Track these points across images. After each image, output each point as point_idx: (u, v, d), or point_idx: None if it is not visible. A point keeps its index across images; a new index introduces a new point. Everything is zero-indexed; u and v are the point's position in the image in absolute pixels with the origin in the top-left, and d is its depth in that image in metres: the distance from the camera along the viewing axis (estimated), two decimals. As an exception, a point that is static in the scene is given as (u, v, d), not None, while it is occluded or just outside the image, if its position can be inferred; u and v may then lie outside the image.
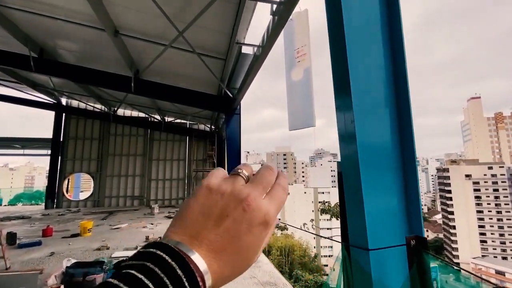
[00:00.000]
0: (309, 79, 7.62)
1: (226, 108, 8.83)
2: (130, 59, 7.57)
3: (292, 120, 7.92)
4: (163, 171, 15.55)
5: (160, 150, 15.70)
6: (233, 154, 8.74)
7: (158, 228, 7.98)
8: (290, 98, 8.04)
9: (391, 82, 1.87)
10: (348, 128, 1.77)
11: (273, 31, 4.95)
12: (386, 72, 1.87)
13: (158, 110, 13.69)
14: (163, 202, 15.18)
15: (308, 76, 7.69)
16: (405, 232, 1.66)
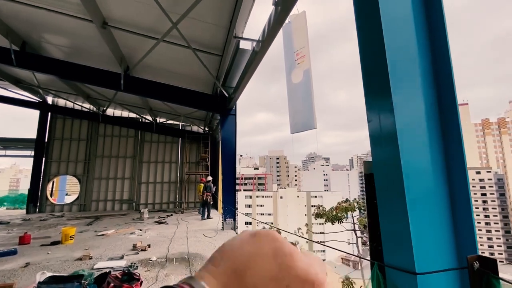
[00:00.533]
0: (309, 81, 7.46)
1: (221, 108, 8.45)
2: (120, 55, 7.12)
3: (293, 123, 7.74)
4: (154, 174, 14.97)
5: (151, 152, 15.13)
6: (228, 157, 8.35)
7: (147, 235, 7.46)
8: (291, 101, 7.87)
9: (432, 78, 1.58)
10: (386, 129, 1.45)
11: (275, 23, 4.64)
12: (428, 68, 1.58)
13: (150, 110, 13.18)
14: (154, 206, 14.57)
15: (307, 77, 7.53)
16: (459, 251, 1.32)
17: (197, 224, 9.29)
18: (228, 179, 8.24)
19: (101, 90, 10.49)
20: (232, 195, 8.18)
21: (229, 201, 8.10)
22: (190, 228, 8.36)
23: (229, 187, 8.20)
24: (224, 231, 7.77)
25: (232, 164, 8.33)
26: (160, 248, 5.97)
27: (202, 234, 7.36)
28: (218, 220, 8.87)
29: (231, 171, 8.27)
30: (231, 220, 7.99)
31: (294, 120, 7.82)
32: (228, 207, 8.01)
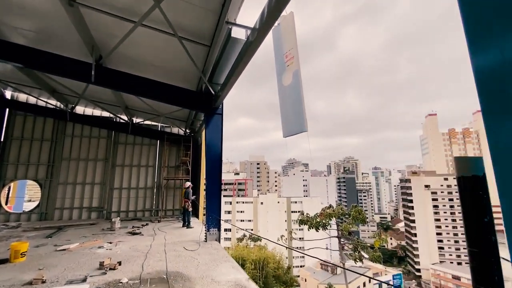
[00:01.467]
0: (298, 82, 7.16)
1: (206, 107, 7.73)
2: (91, 41, 6.20)
3: (285, 126, 7.41)
4: (128, 179, 13.72)
5: (125, 154, 13.89)
6: (213, 160, 7.59)
7: (118, 249, 6.47)
8: (283, 104, 7.53)
9: None
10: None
11: (274, 9, 4.08)
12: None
13: (125, 108, 12.07)
14: (127, 214, 13.30)
15: (297, 79, 7.23)
16: None
17: (177, 234, 8.37)
18: (212, 184, 7.48)
19: (70, 84, 9.33)
20: (217, 202, 7.42)
21: (214, 209, 7.33)
22: (169, 240, 7.45)
23: (214, 194, 7.44)
24: (208, 243, 6.97)
25: (217, 168, 7.60)
26: (133, 265, 5.07)
27: (183, 247, 6.51)
28: (201, 230, 8.04)
29: (216, 176, 7.52)
30: (215, 230, 7.21)
31: (286, 124, 7.46)
32: (213, 215, 7.23)
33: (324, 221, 15.82)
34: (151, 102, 10.09)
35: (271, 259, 31.43)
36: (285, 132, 7.29)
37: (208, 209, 7.28)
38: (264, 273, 27.61)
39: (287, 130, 7.21)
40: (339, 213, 16.36)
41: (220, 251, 6.07)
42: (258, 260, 28.49)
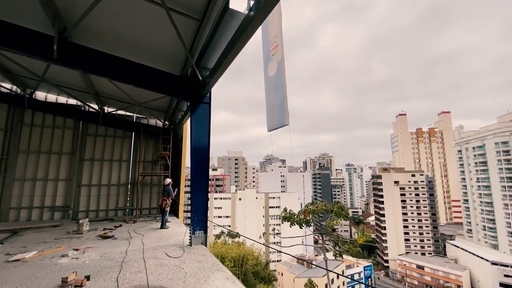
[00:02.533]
0: (282, 73, 6.75)
1: (192, 95, 6.86)
2: (53, 7, 5.07)
3: (269, 119, 6.94)
4: (98, 175, 12.35)
5: (95, 148, 12.47)
6: (199, 154, 6.77)
7: (87, 258, 5.48)
8: (268, 97, 7.09)
9: None
10: None
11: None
12: None
13: (96, 96, 10.70)
14: (97, 214, 11.99)
15: (280, 69, 6.78)
16: None
17: (156, 237, 7.47)
18: (199, 181, 6.68)
19: (28, 63, 7.92)
20: (204, 201, 6.65)
21: (200, 208, 6.55)
22: (148, 244, 6.56)
23: (200, 191, 6.65)
24: (193, 247, 6.19)
25: (204, 163, 6.80)
26: (105, 280, 4.20)
27: (165, 254, 5.69)
28: (184, 233, 7.23)
29: (202, 171, 6.73)
30: (201, 233, 6.45)
31: (270, 117, 7.00)
32: (199, 216, 6.46)
33: (308, 217, 15.63)
34: (126, 88, 8.96)
35: (250, 256, 31.10)
36: (269, 125, 6.79)
37: (194, 209, 6.49)
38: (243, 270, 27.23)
39: (271, 123, 6.72)
40: (322, 210, 16.27)
41: (209, 257, 5.35)
42: (238, 257, 28.00)
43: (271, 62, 7.25)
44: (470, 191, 78.57)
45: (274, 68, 7.25)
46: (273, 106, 6.75)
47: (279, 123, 6.47)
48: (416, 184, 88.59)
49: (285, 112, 6.43)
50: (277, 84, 6.70)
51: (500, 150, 67.05)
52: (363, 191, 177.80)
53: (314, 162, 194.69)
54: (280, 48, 6.82)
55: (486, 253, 62.84)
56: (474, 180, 76.13)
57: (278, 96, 6.58)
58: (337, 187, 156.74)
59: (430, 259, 73.42)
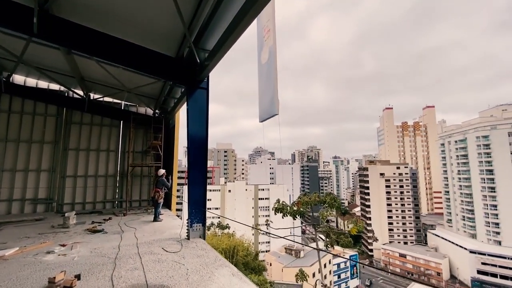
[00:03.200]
0: (273, 60, 6.38)
1: (189, 79, 6.37)
2: (31, -28, 4.44)
3: (261, 109, 6.58)
4: (84, 165, 11.67)
5: (81, 136, 11.73)
6: (197, 144, 6.34)
7: (75, 254, 5.03)
8: (260, 85, 6.69)
9: None
10: None
11: None
12: None
13: (81, 80, 9.93)
14: (83, 206, 11.38)
15: (271, 56, 6.40)
16: None
17: (149, 231, 7.05)
18: (197, 172, 6.28)
19: (3, 41, 7.12)
20: (202, 192, 6.27)
21: (198, 200, 6.18)
22: (141, 239, 6.15)
23: (198, 183, 6.25)
24: (191, 241, 5.84)
25: (202, 153, 6.39)
26: (98, 279, 3.79)
27: (161, 248, 5.31)
28: (181, 226, 6.86)
29: (200, 162, 6.32)
30: (199, 225, 6.10)
31: (261, 106, 6.64)
32: (197, 208, 6.09)
33: (302, 209, 15.58)
34: (115, 72, 8.31)
35: (240, 247, 31.10)
36: (260, 116, 6.47)
37: (191, 200, 6.11)
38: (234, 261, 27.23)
39: (262, 113, 6.40)
40: (316, 201, 16.26)
41: (210, 252, 5.03)
42: (228, 248, 27.92)
43: (263, 48, 6.88)
44: (451, 183, 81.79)
45: (266, 55, 6.90)
46: (264, 95, 6.41)
47: (269, 113, 6.16)
48: (400, 176, 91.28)
49: (275, 101, 6.15)
50: (268, 71, 6.36)
51: (480, 144, 69.75)
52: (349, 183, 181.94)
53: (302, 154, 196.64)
54: (272, 33, 6.44)
55: (465, 242, 66.10)
56: (455, 173, 79.19)
57: (269, 85, 6.25)
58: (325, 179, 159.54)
59: (412, 248, 76.55)
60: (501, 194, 64.40)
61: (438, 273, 66.30)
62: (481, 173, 69.21)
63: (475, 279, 60.08)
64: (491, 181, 66.94)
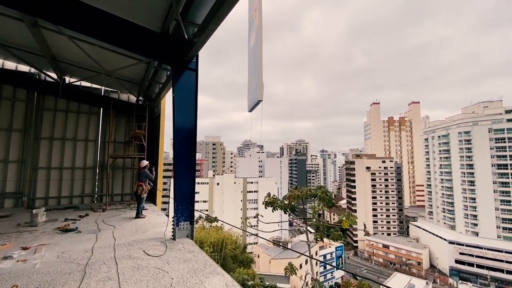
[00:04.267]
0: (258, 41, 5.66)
1: (175, 57, 5.58)
2: None
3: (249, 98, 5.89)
4: (59, 156, 10.64)
5: (55, 125, 10.65)
6: (184, 132, 5.60)
7: (38, 260, 4.25)
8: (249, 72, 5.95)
9: None
10: None
11: None
12: None
13: (53, 60, 8.82)
14: (59, 201, 10.41)
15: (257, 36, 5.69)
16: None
17: (130, 229, 6.31)
18: (183, 164, 5.56)
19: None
20: (190, 187, 5.58)
21: (185, 196, 5.49)
22: (120, 239, 5.41)
23: (185, 176, 5.55)
24: (177, 241, 5.17)
25: (189, 142, 5.67)
26: (61, 294, 3.08)
27: (142, 251, 4.61)
28: (166, 223, 6.15)
29: (188, 152, 5.61)
30: (186, 224, 5.43)
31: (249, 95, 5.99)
32: (184, 205, 5.40)
33: (293, 203, 15.18)
34: (90, 51, 7.34)
35: (228, 240, 30.71)
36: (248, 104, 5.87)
37: (178, 196, 5.41)
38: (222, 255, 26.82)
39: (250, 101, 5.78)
40: (307, 195, 15.91)
41: (199, 255, 4.39)
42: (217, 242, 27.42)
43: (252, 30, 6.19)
44: (433, 176, 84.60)
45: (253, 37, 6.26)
46: (252, 81, 5.76)
47: (254, 99, 5.53)
48: (386, 170, 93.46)
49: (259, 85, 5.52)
50: (255, 55, 5.70)
51: (462, 140, 72.09)
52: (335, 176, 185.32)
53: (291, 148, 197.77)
54: (258, 12, 5.76)
55: (445, 233, 68.83)
56: (438, 167, 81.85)
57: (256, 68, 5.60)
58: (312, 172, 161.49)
59: (395, 239, 79.12)
60: (480, 188, 67.16)
61: (418, 262, 68.94)
62: (462, 167, 71.79)
63: (453, 268, 62.89)
64: (471, 175, 69.59)
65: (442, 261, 66.34)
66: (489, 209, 65.00)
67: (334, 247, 67.46)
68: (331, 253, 66.45)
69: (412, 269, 69.48)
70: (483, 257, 59.49)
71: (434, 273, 65.99)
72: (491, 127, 66.89)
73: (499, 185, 64.37)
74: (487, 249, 59.27)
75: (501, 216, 63.41)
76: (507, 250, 56.84)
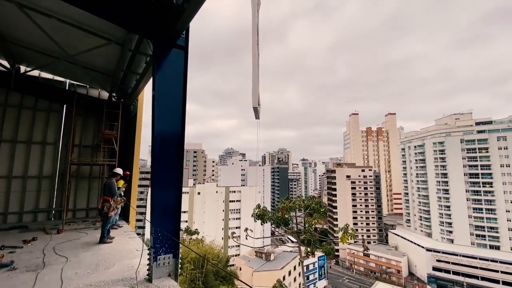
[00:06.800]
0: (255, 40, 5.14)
1: (158, 28, 4.17)
2: None
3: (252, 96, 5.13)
4: (8, 162, 8.59)
5: (4, 123, 8.64)
6: (168, 130, 4.16)
7: None
8: None
9: None
10: None
11: None
12: None
13: (2, 42, 6.98)
14: (5, 219, 8.30)
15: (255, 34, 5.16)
16: None
17: (89, 263, 4.62)
18: (165, 174, 4.07)
19: None
20: (174, 205, 4.08)
21: (167, 218, 3.98)
22: (72, 281, 3.75)
23: (168, 190, 4.06)
24: (154, 285, 3.62)
25: (175, 144, 4.20)
26: None
27: (101, 306, 3.04)
28: (141, 252, 4.52)
29: (173, 159, 4.13)
30: (168, 257, 3.91)
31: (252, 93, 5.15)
32: (166, 227, 3.89)
33: (287, 215, 13.87)
34: (47, 26, 5.69)
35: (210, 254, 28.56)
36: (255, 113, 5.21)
37: (156, 218, 3.89)
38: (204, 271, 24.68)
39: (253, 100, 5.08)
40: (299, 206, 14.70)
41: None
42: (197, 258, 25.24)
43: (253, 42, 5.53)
44: (410, 185, 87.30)
45: None
46: None
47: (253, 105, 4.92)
48: (365, 178, 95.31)
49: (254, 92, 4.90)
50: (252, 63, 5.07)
51: (436, 149, 75.22)
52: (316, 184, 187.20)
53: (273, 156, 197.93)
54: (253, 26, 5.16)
55: (422, 241, 70.52)
56: (414, 176, 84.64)
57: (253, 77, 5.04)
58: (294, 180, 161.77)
59: (375, 247, 79.96)
60: (454, 196, 69.94)
61: (398, 270, 69.77)
62: (437, 176, 74.64)
63: (431, 275, 64.16)
64: (445, 184, 72.41)
65: (420, 269, 67.58)
66: (463, 217, 67.65)
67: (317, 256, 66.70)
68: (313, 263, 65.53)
69: (392, 277, 70.13)
70: (458, 264, 61.28)
71: (413, 280, 66.92)
72: (463, 138, 70.46)
73: (471, 193, 67.37)
74: (462, 256, 61.19)
75: (474, 223, 66.09)
76: (481, 256, 58.98)
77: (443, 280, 62.38)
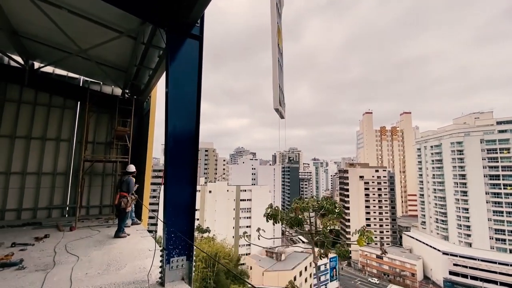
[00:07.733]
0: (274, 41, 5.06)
1: (171, 15, 3.91)
2: None
3: None
4: (22, 158, 8.64)
5: (18, 119, 8.69)
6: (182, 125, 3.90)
7: None
8: None
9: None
10: None
11: None
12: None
13: (15, 36, 6.95)
14: (19, 215, 8.36)
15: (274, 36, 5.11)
16: None
17: (100, 262, 4.44)
18: (180, 170, 3.81)
19: None
20: (188, 205, 3.82)
21: (180, 219, 3.72)
22: (81, 282, 3.56)
23: (182, 188, 3.80)
24: (168, 289, 3.38)
25: (189, 139, 3.94)
26: None
27: (110, 313, 2.81)
28: (153, 252, 4.29)
29: (188, 154, 3.88)
30: (182, 259, 3.65)
31: None
32: (179, 228, 3.63)
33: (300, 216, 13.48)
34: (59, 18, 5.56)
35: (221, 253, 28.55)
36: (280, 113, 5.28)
37: (170, 219, 3.64)
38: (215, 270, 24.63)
39: None
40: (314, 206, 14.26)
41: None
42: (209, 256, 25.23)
43: None
44: (426, 186, 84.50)
45: None
46: None
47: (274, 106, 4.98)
48: (379, 179, 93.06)
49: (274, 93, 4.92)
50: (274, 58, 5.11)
51: (454, 150, 72.40)
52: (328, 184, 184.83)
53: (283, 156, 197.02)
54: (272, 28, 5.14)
55: (438, 244, 68.15)
56: (430, 176, 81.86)
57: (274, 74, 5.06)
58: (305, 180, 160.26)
59: (388, 249, 77.97)
60: (473, 198, 67.12)
61: (412, 274, 67.77)
62: (455, 177, 71.85)
63: (447, 279, 61.94)
64: (463, 185, 69.61)
65: (436, 273, 65.37)
66: (482, 220, 64.84)
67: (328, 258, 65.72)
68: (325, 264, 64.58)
69: (406, 280, 68.19)
70: (477, 268, 58.84)
71: (428, 284, 64.87)
72: (483, 138, 67.46)
73: (491, 195, 64.47)
74: (480, 260, 58.70)
75: (494, 227, 63.24)
76: (500, 261, 56.39)
77: (460, 284, 60.09)
